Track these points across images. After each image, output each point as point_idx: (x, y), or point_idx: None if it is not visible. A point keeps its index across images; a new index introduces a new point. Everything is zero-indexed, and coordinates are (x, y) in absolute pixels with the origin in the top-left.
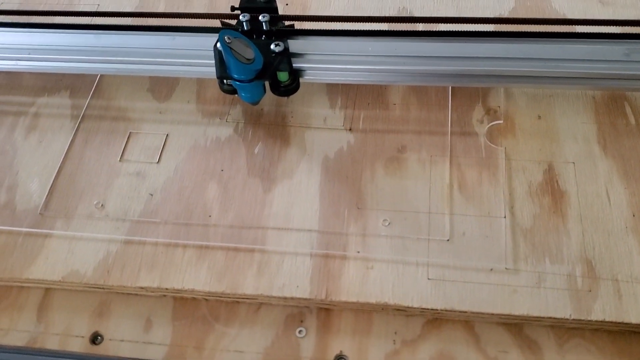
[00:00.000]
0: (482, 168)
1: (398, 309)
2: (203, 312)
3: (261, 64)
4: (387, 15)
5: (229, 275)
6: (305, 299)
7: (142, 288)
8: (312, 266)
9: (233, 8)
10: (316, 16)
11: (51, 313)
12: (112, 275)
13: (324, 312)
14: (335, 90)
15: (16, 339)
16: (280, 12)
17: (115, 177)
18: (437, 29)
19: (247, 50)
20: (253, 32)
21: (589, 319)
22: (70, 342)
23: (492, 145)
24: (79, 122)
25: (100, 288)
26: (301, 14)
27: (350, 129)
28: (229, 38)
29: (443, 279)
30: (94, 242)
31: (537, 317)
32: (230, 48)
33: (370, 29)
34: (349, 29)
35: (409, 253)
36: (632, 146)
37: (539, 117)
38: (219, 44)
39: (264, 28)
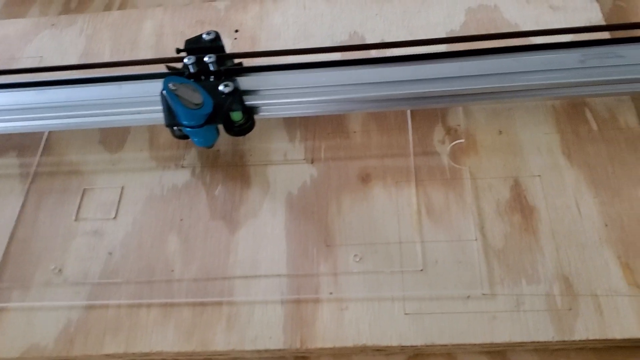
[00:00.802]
0: (448, 190)
1: (377, 349)
2: None
3: (211, 107)
4: (338, 40)
5: (198, 332)
6: (279, 350)
7: (107, 356)
8: (284, 314)
9: (178, 50)
10: (265, 52)
11: None
12: (75, 345)
13: None
14: (294, 123)
15: None
16: (229, 46)
17: (72, 239)
18: (390, 54)
19: (195, 95)
20: (200, 74)
21: (572, 339)
22: None
23: (455, 165)
24: (30, 183)
25: None
26: (250, 46)
27: (312, 161)
28: (174, 85)
29: (420, 312)
30: (54, 311)
31: (519, 343)
32: (177, 95)
33: (322, 60)
34: (300, 61)
35: (384, 288)
36: (597, 153)
37: (500, 132)
38: (164, 92)
39: (211, 69)
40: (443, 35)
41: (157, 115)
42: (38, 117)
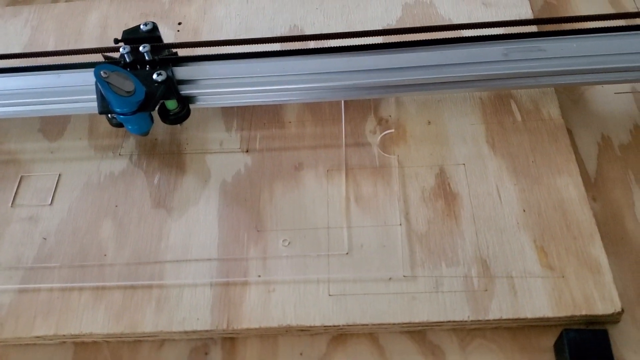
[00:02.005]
0: (377, 178)
1: (302, 330)
2: (105, 355)
3: (143, 95)
4: (278, 33)
5: (127, 314)
6: (207, 331)
7: (38, 337)
8: (212, 296)
9: (116, 40)
10: (203, 42)
11: None
12: (6, 328)
13: (229, 341)
14: (231, 113)
15: None
16: (172, 38)
17: (7, 225)
18: (328, 45)
19: (126, 83)
20: (136, 63)
21: (487, 318)
22: None
23: (384, 154)
24: None
25: None
26: (192, 38)
27: (247, 151)
28: (105, 72)
29: (344, 294)
30: None
31: (437, 322)
32: (108, 82)
33: (261, 50)
34: (239, 51)
35: (310, 271)
36: (519, 143)
37: (429, 123)
38: (95, 79)
39: (146, 58)
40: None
41: (92, 104)
42: None
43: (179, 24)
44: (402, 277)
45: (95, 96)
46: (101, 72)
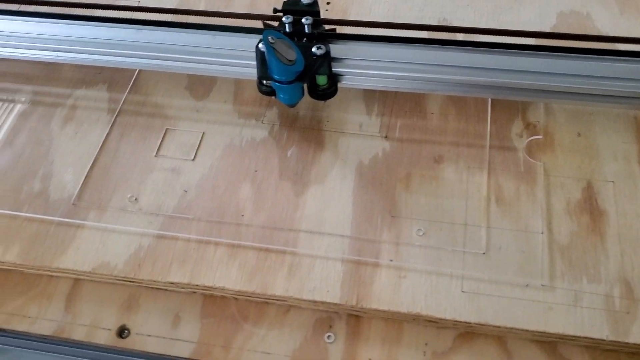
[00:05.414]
0: (520, 182)
1: (430, 320)
2: (232, 311)
3: (302, 66)
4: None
5: (260, 275)
6: (335, 304)
7: (172, 283)
8: (343, 271)
9: (275, 10)
10: (357, 21)
11: (79, 304)
12: (143, 269)
13: (354, 318)
14: (372, 97)
15: (43, 328)
16: (321, 15)
17: (150, 172)
18: (476, 40)
19: (289, 52)
20: (295, 35)
21: (626, 341)
22: (97, 334)
23: (530, 159)
24: (116, 116)
25: (130, 281)
26: (341, 18)
27: (386, 137)
28: (272, 38)
29: (477, 292)
30: (126, 235)
31: (572, 336)
32: (273, 48)
33: (411, 36)
34: (389, 35)
35: (443, 264)
36: None
37: (579, 134)
38: (261, 44)
39: (306, 31)
40: None
41: (245, 69)
42: (131, 55)
43: (328, 3)
44: (540, 286)
45: (247, 62)
46: (269, 37)
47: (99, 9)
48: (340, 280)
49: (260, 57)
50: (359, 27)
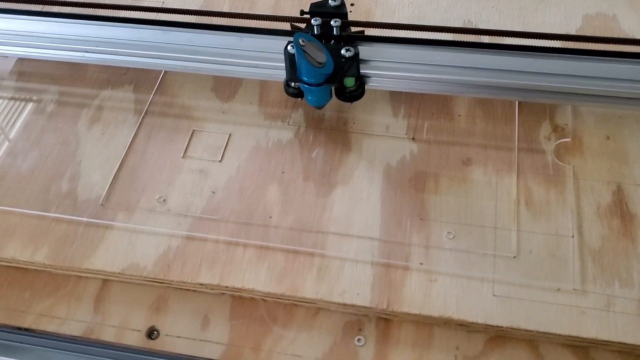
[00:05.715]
0: (550, 185)
1: (461, 324)
2: (261, 313)
3: (332, 69)
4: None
5: (289, 277)
6: (365, 307)
7: (201, 285)
8: (373, 274)
9: (302, 12)
10: (384, 23)
11: (108, 305)
12: (172, 270)
13: (383, 322)
14: (399, 99)
15: (73, 329)
16: None
17: (178, 173)
18: (503, 43)
19: (319, 54)
20: (323, 37)
21: None
22: (126, 335)
23: (559, 163)
24: (142, 117)
25: (159, 282)
26: (364, 20)
27: (413, 138)
28: (303, 41)
29: (509, 296)
30: (155, 236)
31: (605, 341)
32: (304, 51)
33: (437, 39)
34: (414, 37)
35: (474, 268)
36: None
37: (608, 138)
38: (290, 47)
39: (335, 33)
40: None
41: (272, 71)
42: (157, 56)
43: (352, 4)
44: (572, 290)
45: (273, 63)
46: (300, 40)
47: (122, 9)
48: (370, 284)
49: (290, 60)
50: (384, 29)
